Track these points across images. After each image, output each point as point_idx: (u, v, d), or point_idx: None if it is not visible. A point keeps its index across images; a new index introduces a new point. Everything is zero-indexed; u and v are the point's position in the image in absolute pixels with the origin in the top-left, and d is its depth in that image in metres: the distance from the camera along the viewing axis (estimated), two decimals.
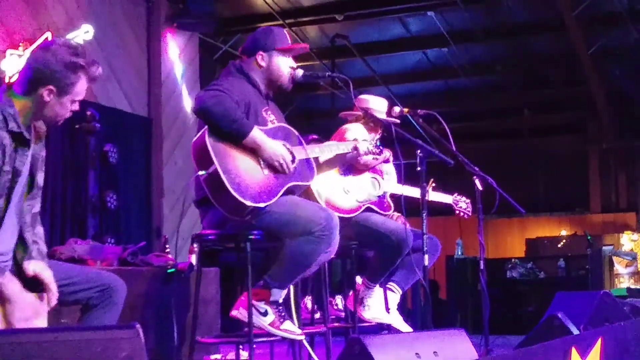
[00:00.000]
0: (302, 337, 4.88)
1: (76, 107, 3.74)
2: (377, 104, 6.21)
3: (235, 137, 4.50)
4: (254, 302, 4.63)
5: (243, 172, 4.48)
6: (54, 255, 5.86)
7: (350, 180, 5.87)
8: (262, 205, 4.48)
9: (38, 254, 3.64)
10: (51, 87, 3.60)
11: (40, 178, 3.81)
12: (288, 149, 4.71)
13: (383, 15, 12.47)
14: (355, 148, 5.23)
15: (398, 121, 5.77)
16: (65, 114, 3.71)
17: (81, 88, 3.69)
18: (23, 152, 3.60)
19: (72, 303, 3.83)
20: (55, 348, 2.38)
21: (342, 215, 4.86)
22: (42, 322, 3.42)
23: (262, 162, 4.58)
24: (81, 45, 3.78)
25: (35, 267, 3.53)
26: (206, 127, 4.50)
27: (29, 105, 3.61)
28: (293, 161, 4.69)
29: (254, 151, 4.57)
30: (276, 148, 4.62)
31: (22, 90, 3.62)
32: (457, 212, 6.56)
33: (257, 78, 4.92)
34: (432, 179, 6.09)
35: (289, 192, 4.70)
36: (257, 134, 4.55)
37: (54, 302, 3.52)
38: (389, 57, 14.16)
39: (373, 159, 5.66)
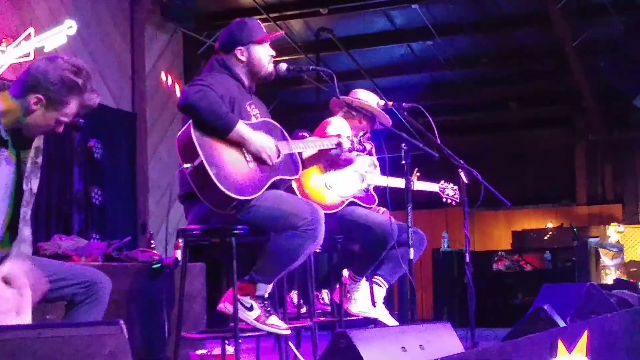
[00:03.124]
0: (288, 332, 4.87)
1: (59, 128, 3.72)
2: (368, 99, 6.18)
3: (221, 131, 4.49)
4: (240, 296, 4.62)
5: (229, 165, 4.47)
6: (38, 252, 5.84)
7: (333, 176, 5.85)
8: (247, 198, 4.47)
9: (17, 255, 3.61)
10: (41, 96, 3.57)
11: (34, 185, 3.80)
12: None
13: (368, 8, 12.43)
14: (339, 144, 5.18)
15: (389, 121, 5.75)
16: (46, 128, 3.68)
17: (70, 110, 3.67)
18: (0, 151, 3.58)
19: (57, 299, 3.81)
20: (38, 345, 2.36)
21: (325, 211, 4.84)
22: (26, 318, 3.40)
23: (247, 156, 4.58)
24: (87, 70, 3.74)
25: (9, 267, 3.49)
26: (191, 120, 4.49)
27: (16, 108, 3.59)
28: (278, 155, 4.68)
29: (240, 145, 4.56)
30: (261, 140, 4.62)
31: (15, 92, 3.60)
32: (445, 199, 6.54)
33: (239, 72, 4.91)
34: (416, 169, 6.08)
35: (274, 186, 4.69)
36: (242, 128, 4.55)
37: (25, 305, 3.44)
38: (374, 50, 14.14)
39: (357, 155, 5.65)
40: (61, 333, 2.42)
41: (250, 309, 4.65)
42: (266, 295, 4.71)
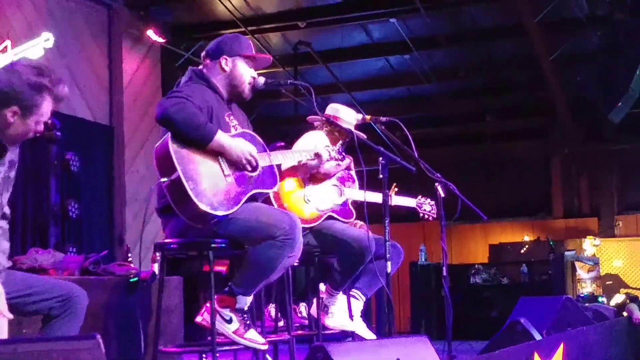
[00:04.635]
0: (266, 347, 4.86)
1: (40, 127, 3.72)
2: (346, 114, 6.20)
3: (200, 142, 4.48)
4: (219, 308, 4.62)
5: (206, 179, 4.46)
6: (14, 265, 5.79)
7: (311, 189, 5.86)
8: (223, 213, 4.46)
9: None
10: (15, 108, 3.57)
11: (4, 198, 3.78)
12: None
13: (346, 22, 12.47)
14: (318, 155, 5.20)
15: (364, 136, 5.77)
16: (28, 134, 3.69)
17: (46, 109, 3.67)
18: None
19: (33, 313, 3.80)
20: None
21: (303, 225, 4.84)
22: (1, 334, 3.38)
23: (225, 169, 4.56)
24: (46, 64, 3.75)
25: None
26: (169, 133, 4.48)
27: None
28: (257, 168, 4.67)
29: (218, 157, 4.55)
30: (241, 146, 4.61)
31: None
32: (422, 214, 6.56)
33: (218, 83, 4.90)
34: (394, 184, 6.11)
35: (252, 199, 4.69)
36: (221, 137, 4.54)
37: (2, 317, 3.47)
38: (352, 64, 14.17)
39: (336, 165, 5.66)
40: (38, 347, 2.41)
41: (230, 321, 4.64)
42: (246, 308, 4.71)
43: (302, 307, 6.37)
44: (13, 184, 3.84)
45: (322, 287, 6.00)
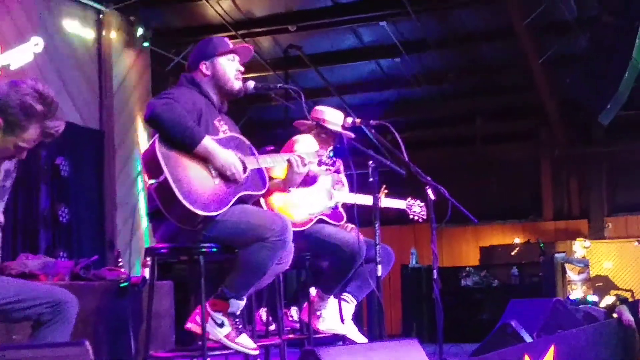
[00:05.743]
0: (257, 352, 4.86)
1: (22, 154, 3.70)
2: (332, 116, 6.20)
3: (187, 145, 4.48)
4: (212, 312, 4.61)
5: (194, 180, 4.46)
6: (4, 271, 5.79)
7: (301, 193, 5.85)
8: (211, 214, 4.46)
9: None
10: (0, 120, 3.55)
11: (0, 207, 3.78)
12: (239, 158, 4.69)
13: (336, 25, 12.49)
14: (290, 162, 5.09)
15: (352, 135, 5.77)
16: (5, 153, 3.66)
17: (30, 136, 3.65)
18: None
19: (23, 319, 3.79)
20: None
21: (293, 229, 4.84)
22: None
23: (213, 171, 4.57)
24: (53, 96, 3.72)
25: None
26: (156, 135, 4.48)
27: None
28: (245, 171, 4.67)
29: (205, 160, 4.56)
30: (228, 157, 4.61)
31: None
32: (412, 216, 6.57)
33: (207, 88, 4.90)
34: (383, 185, 6.11)
35: (241, 201, 4.69)
36: (208, 143, 4.54)
37: None
38: (342, 67, 14.18)
39: (326, 170, 5.66)
40: (26, 354, 2.41)
41: (221, 325, 4.64)
42: (238, 312, 4.70)
43: (293, 311, 6.36)
44: (9, 192, 3.82)
45: (313, 291, 6.00)
